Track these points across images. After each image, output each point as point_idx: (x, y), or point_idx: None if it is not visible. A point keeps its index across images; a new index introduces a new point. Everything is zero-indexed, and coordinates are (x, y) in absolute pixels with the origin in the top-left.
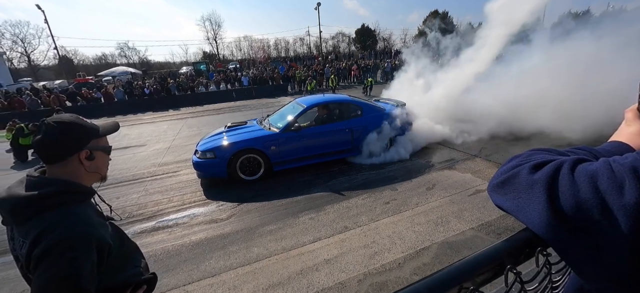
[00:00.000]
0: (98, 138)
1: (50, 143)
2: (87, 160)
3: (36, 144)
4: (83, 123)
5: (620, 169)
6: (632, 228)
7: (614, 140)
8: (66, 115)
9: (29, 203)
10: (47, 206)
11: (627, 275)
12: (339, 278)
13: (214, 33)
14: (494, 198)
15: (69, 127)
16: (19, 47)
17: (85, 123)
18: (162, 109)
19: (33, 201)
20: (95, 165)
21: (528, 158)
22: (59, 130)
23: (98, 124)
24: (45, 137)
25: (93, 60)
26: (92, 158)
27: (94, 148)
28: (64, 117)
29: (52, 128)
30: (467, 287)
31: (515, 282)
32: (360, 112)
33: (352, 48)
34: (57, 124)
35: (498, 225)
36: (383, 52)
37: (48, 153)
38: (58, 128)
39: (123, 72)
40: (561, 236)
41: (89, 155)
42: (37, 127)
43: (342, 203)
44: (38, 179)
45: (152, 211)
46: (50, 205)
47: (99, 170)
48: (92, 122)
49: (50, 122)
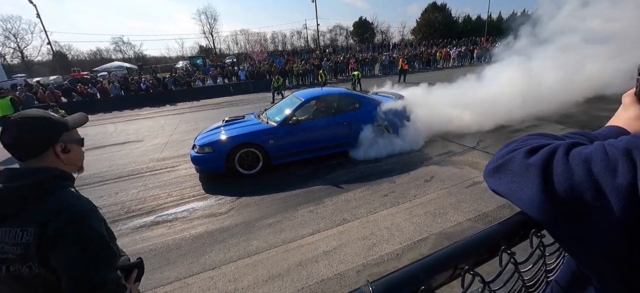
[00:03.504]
0: (69, 131)
1: (25, 138)
2: (63, 153)
3: (10, 141)
4: (52, 117)
5: (613, 152)
6: (625, 209)
7: (610, 125)
8: (33, 110)
9: (21, 193)
10: (46, 192)
11: (621, 256)
12: (338, 270)
13: (210, 27)
14: (490, 183)
15: (41, 120)
16: (11, 43)
17: (54, 117)
18: (159, 104)
19: (25, 190)
20: (70, 158)
21: (524, 143)
22: (32, 124)
23: (69, 117)
24: (20, 133)
25: (88, 56)
26: (68, 151)
27: (68, 141)
28: (32, 112)
29: (25, 122)
30: (462, 267)
31: (509, 263)
32: (358, 105)
33: (350, 41)
34: (30, 118)
35: (495, 215)
36: (381, 45)
37: (24, 148)
38: (31, 122)
39: (118, 67)
40: (555, 219)
41: (64, 148)
42: (6, 125)
43: (341, 196)
44: (22, 170)
45: (151, 206)
46: (48, 190)
47: (75, 162)
48: (59, 116)
49: (22, 117)
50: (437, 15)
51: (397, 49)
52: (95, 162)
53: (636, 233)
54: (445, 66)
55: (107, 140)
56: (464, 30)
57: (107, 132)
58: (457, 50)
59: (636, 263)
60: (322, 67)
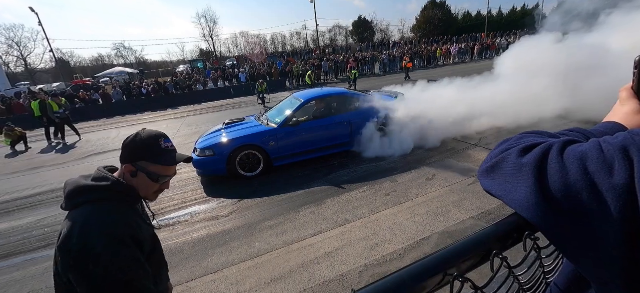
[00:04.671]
0: (150, 163)
1: (126, 146)
2: (130, 175)
3: (124, 142)
4: (155, 146)
5: (610, 149)
6: (622, 209)
7: (607, 121)
8: (152, 131)
9: (81, 190)
10: (98, 198)
11: (617, 257)
12: (340, 271)
13: (210, 30)
14: (484, 184)
15: (136, 140)
16: (15, 51)
17: (156, 146)
18: (160, 108)
19: (85, 189)
20: (135, 182)
21: (518, 141)
22: (137, 143)
23: (170, 154)
24: (127, 141)
25: (90, 62)
26: (134, 176)
27: (141, 169)
28: (148, 132)
29: (136, 138)
30: (452, 273)
31: (503, 267)
32: (359, 105)
33: (349, 41)
34: (140, 137)
35: (498, 213)
36: (381, 43)
37: (122, 153)
38: (137, 142)
39: (120, 73)
40: (550, 220)
41: (133, 172)
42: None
43: (342, 197)
44: (100, 173)
45: (153, 210)
46: (101, 197)
47: (142, 191)
48: (166, 146)
49: (140, 133)
50: (436, 12)
51: (397, 47)
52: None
53: (634, 233)
54: (446, 63)
55: (110, 145)
56: (463, 27)
57: (110, 137)
58: (458, 47)
59: (635, 265)
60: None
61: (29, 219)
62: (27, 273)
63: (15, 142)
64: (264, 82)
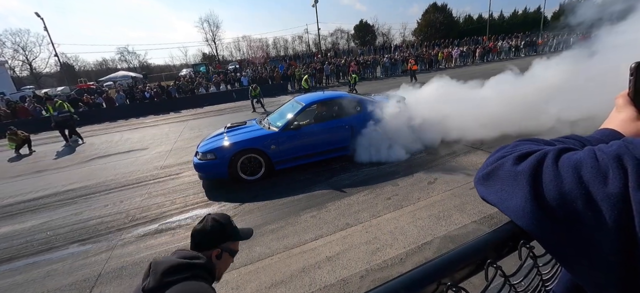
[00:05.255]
0: (231, 241)
1: (207, 234)
2: (216, 258)
3: (197, 231)
4: (232, 225)
5: (604, 158)
6: (617, 218)
7: (603, 128)
8: (223, 215)
9: (178, 267)
10: (193, 275)
11: (613, 264)
12: (341, 275)
13: (213, 34)
14: (480, 191)
15: (223, 226)
16: (20, 56)
17: (232, 225)
18: (163, 112)
19: (182, 266)
20: (219, 265)
21: (513, 149)
22: (218, 227)
23: (241, 228)
24: (207, 229)
25: (94, 66)
26: (219, 258)
27: (225, 250)
28: (223, 217)
29: (216, 223)
30: (446, 283)
31: (498, 276)
32: (360, 108)
33: (351, 44)
34: (218, 222)
35: (500, 217)
36: (382, 47)
37: (201, 241)
38: (218, 226)
39: (124, 76)
40: (545, 228)
41: (219, 254)
42: (202, 220)
43: (344, 200)
44: (191, 253)
45: (155, 214)
46: (195, 275)
47: (219, 271)
48: (237, 226)
49: (216, 218)
50: (438, 15)
51: (398, 50)
52: (101, 171)
53: (629, 242)
54: (447, 66)
55: (113, 148)
56: (465, 30)
57: (113, 140)
58: (459, 50)
59: (630, 272)
60: (305, 74)
61: (31, 222)
62: (29, 277)
63: (19, 145)
64: (257, 86)
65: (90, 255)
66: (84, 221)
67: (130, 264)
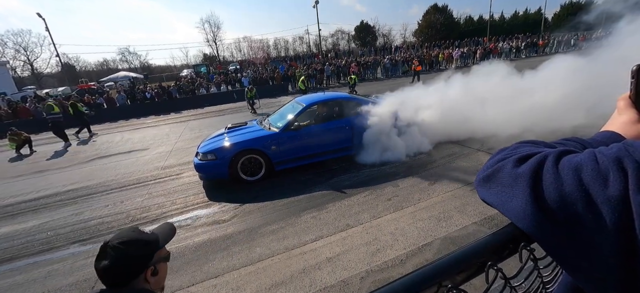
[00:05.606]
0: (159, 250)
1: (120, 267)
2: (152, 276)
3: (103, 269)
4: (146, 237)
5: (604, 160)
6: (617, 220)
7: (605, 130)
8: (126, 232)
9: None
10: None
11: (613, 266)
12: (341, 276)
13: (214, 35)
14: (480, 193)
15: (136, 245)
16: (21, 56)
17: (147, 236)
18: (163, 112)
19: None
20: (158, 280)
21: (513, 151)
22: (126, 252)
23: (156, 231)
24: (115, 262)
25: (95, 66)
26: (156, 273)
27: (157, 262)
28: (126, 235)
29: (120, 251)
30: (446, 285)
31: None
32: (360, 109)
33: (352, 45)
34: (124, 244)
35: (501, 218)
36: (383, 48)
37: (115, 276)
38: (125, 250)
39: (124, 77)
40: (546, 231)
41: (154, 270)
42: (100, 253)
43: (344, 201)
44: None
45: (155, 214)
46: None
47: (160, 283)
48: (150, 231)
49: (116, 245)
50: (438, 16)
51: (399, 51)
52: (102, 171)
53: (629, 245)
54: (448, 67)
55: (113, 149)
56: (465, 31)
57: (114, 141)
58: (460, 51)
59: (630, 274)
60: (301, 75)
61: (32, 222)
62: (29, 277)
63: (20, 145)
64: (253, 87)
65: (91, 255)
66: (84, 221)
67: None
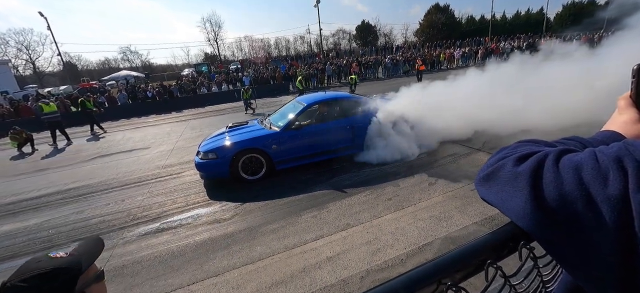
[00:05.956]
0: (84, 273)
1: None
2: None
3: None
4: (58, 264)
5: (604, 160)
6: (617, 219)
7: (605, 130)
8: (31, 265)
9: None
10: None
11: (612, 265)
12: (342, 276)
13: (215, 34)
14: (480, 192)
15: (43, 279)
16: (23, 55)
17: (59, 262)
18: (164, 111)
19: None
20: None
21: (514, 150)
22: (38, 290)
23: (77, 251)
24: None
25: (96, 65)
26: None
27: (85, 287)
28: (28, 269)
29: (22, 290)
30: (446, 282)
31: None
32: (361, 108)
33: (353, 45)
34: (25, 281)
35: (501, 218)
36: (384, 47)
37: None
38: (28, 288)
39: (126, 76)
40: (546, 229)
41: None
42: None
43: (344, 201)
44: None
45: (156, 213)
46: None
47: None
48: (67, 253)
49: (16, 284)
50: (440, 16)
51: (400, 51)
52: (103, 170)
53: (628, 243)
54: (449, 67)
55: (114, 148)
56: (467, 31)
57: (115, 140)
58: (461, 51)
59: (630, 272)
60: (299, 75)
61: (34, 220)
62: None
63: (22, 144)
64: (249, 88)
65: None
66: (85, 219)
67: (131, 263)
